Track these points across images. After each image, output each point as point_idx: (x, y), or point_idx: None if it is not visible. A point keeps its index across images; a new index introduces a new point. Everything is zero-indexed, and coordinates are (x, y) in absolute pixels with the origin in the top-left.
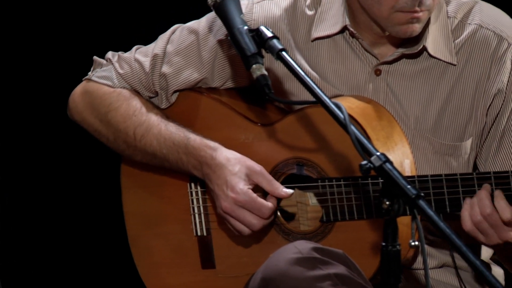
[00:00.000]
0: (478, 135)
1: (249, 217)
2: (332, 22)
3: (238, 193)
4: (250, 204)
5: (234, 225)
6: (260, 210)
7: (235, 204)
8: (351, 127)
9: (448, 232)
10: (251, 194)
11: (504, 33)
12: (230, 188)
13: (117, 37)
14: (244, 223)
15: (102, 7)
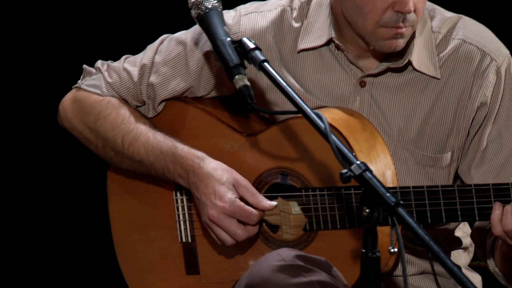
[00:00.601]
0: (460, 148)
1: (235, 226)
2: (318, 34)
3: (227, 202)
4: (238, 213)
5: (218, 234)
6: (249, 217)
7: (223, 213)
8: (332, 136)
9: (426, 240)
10: (239, 203)
11: (487, 48)
12: (218, 197)
13: (116, 37)
14: (229, 232)
15: (102, 8)
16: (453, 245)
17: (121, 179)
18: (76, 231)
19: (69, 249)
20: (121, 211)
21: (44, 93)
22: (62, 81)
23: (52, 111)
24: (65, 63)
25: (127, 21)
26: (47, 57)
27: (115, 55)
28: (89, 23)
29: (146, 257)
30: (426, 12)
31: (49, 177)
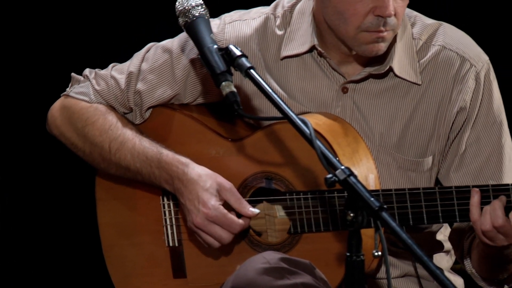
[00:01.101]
0: (441, 152)
1: (220, 231)
2: (301, 41)
3: (210, 208)
4: (220, 220)
5: (204, 239)
6: (230, 226)
7: (206, 219)
8: (317, 142)
9: (409, 243)
10: (222, 210)
11: (467, 54)
12: (202, 203)
13: (114, 39)
14: (215, 237)
15: (99, 11)
16: (435, 248)
17: (109, 185)
18: (76, 231)
19: (69, 249)
20: (109, 217)
21: (44, 93)
22: (62, 81)
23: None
24: (65, 63)
25: (125, 24)
26: (47, 57)
27: (114, 56)
28: (87, 25)
29: (134, 261)
30: (407, 19)
31: (49, 177)
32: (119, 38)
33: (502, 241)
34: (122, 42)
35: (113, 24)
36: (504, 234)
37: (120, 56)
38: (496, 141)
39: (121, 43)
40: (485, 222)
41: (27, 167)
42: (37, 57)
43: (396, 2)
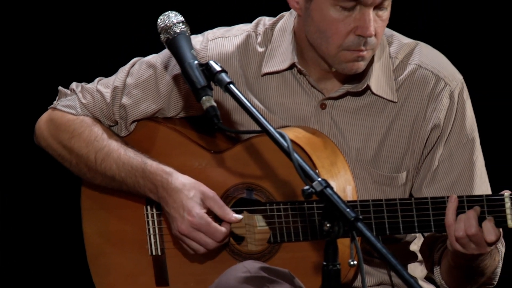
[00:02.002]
0: (415, 167)
1: (204, 237)
2: (282, 59)
3: (194, 216)
4: (205, 227)
5: (190, 245)
6: (213, 234)
7: (191, 227)
8: (294, 154)
9: (384, 252)
10: (207, 218)
11: (441, 74)
12: (186, 211)
13: (113, 40)
14: (200, 243)
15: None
16: (409, 258)
17: (94, 195)
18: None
19: (68, 249)
20: (95, 226)
21: (44, 93)
22: (65, 79)
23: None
24: (66, 63)
25: (123, 25)
26: (48, 56)
27: (113, 57)
28: (85, 27)
29: (118, 270)
30: (385, 38)
31: (49, 177)
32: (118, 38)
33: (473, 249)
34: (121, 43)
35: (112, 25)
36: (476, 243)
37: (120, 56)
38: (468, 158)
39: (120, 44)
40: (459, 229)
41: (27, 167)
42: (38, 56)
43: (377, 22)
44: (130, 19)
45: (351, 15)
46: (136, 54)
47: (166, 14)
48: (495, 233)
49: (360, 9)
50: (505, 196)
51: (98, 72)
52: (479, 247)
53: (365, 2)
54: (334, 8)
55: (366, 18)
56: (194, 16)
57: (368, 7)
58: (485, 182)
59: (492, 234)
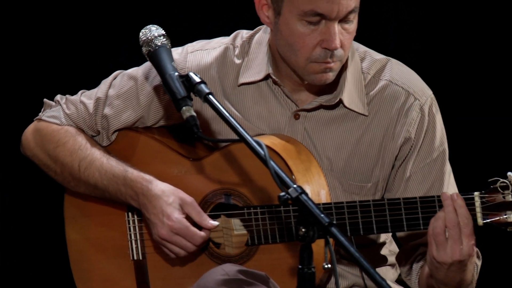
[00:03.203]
0: (385, 178)
1: (184, 241)
2: (257, 70)
3: (174, 221)
4: (184, 231)
5: (171, 249)
6: (192, 238)
7: (171, 231)
8: (271, 162)
9: (357, 256)
10: (186, 223)
11: (411, 89)
12: (166, 216)
13: (111, 43)
14: (180, 246)
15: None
16: (381, 261)
17: (77, 203)
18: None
19: (52, 255)
20: (77, 233)
21: (45, 90)
22: (62, 81)
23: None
24: (65, 64)
25: (121, 28)
26: (50, 59)
27: (112, 58)
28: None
29: (100, 275)
30: (357, 55)
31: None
32: (118, 38)
33: (450, 252)
34: (121, 43)
35: (112, 25)
36: (453, 239)
37: (120, 56)
38: (439, 169)
39: (120, 44)
40: (436, 226)
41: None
42: (39, 55)
43: (343, 35)
44: (129, 20)
45: (317, 29)
46: (136, 54)
47: (147, 27)
48: (468, 217)
49: (326, 23)
50: (475, 195)
51: (98, 71)
52: (455, 246)
53: (329, 16)
54: (300, 23)
55: (331, 32)
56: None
57: (333, 21)
58: (453, 190)
59: (466, 217)
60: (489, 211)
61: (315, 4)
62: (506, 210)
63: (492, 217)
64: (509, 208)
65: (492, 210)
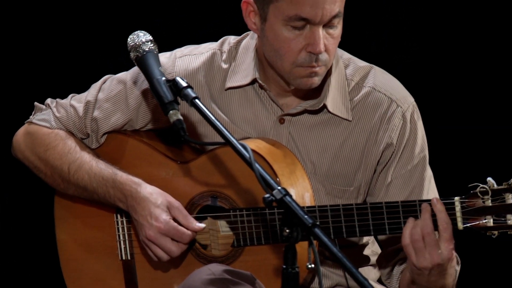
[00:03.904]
0: (367, 182)
1: (170, 244)
2: (244, 74)
3: (162, 222)
4: (171, 232)
5: (155, 252)
6: (181, 237)
7: (158, 233)
8: (256, 164)
9: (340, 256)
10: (173, 223)
11: (394, 96)
12: (154, 218)
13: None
14: (165, 250)
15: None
16: (363, 261)
17: (67, 204)
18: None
19: (43, 255)
20: (67, 233)
21: (45, 90)
22: (64, 80)
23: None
24: (66, 64)
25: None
26: (51, 57)
27: (111, 59)
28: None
29: (90, 275)
30: (341, 62)
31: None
32: (118, 39)
33: (430, 257)
34: (121, 43)
35: (112, 26)
36: (430, 246)
37: (120, 56)
38: (419, 175)
39: (120, 44)
40: (415, 233)
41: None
42: (40, 55)
43: (327, 40)
44: (129, 21)
45: (302, 34)
46: None
47: (135, 33)
48: (447, 222)
49: (310, 27)
50: (455, 200)
51: (98, 71)
52: (433, 251)
53: (313, 21)
54: (286, 28)
55: (315, 36)
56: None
57: (317, 26)
58: (433, 195)
59: (445, 222)
60: (469, 216)
61: (300, 9)
62: (485, 214)
63: (472, 222)
64: (488, 213)
65: (472, 214)
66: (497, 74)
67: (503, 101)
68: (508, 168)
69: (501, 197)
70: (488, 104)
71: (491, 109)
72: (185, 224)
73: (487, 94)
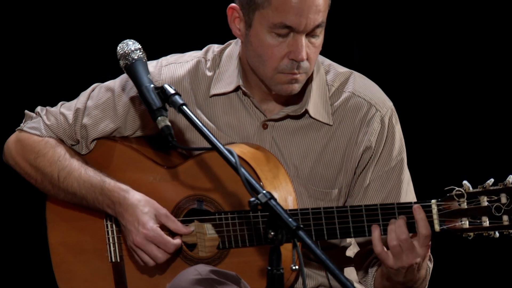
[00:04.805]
0: (348, 185)
1: (156, 251)
2: (228, 82)
3: (149, 229)
4: (157, 240)
5: (142, 257)
6: (166, 245)
7: (145, 239)
8: (241, 169)
9: (323, 258)
10: (159, 231)
11: (373, 101)
12: (141, 225)
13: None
14: (151, 256)
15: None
16: (345, 263)
17: (58, 209)
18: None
19: (36, 257)
20: (59, 237)
21: (43, 94)
22: (62, 80)
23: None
24: (67, 64)
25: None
26: (51, 56)
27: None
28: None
29: (81, 276)
30: (322, 68)
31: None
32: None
33: (406, 259)
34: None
35: (112, 29)
36: (408, 248)
37: (108, 63)
38: (397, 177)
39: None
40: (391, 239)
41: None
42: (42, 54)
43: (309, 48)
44: (118, 29)
45: (285, 41)
46: None
47: (125, 42)
48: (427, 228)
49: (293, 35)
50: (432, 203)
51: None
52: (410, 254)
53: (297, 29)
54: (270, 35)
55: (298, 44)
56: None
57: (300, 34)
58: (411, 197)
59: (425, 228)
60: (445, 218)
61: (285, 17)
62: (461, 217)
63: (448, 224)
64: (464, 215)
65: (448, 217)
66: (476, 78)
67: (479, 106)
68: (482, 172)
69: (476, 199)
70: (465, 109)
71: (468, 114)
72: (175, 229)
73: (464, 99)
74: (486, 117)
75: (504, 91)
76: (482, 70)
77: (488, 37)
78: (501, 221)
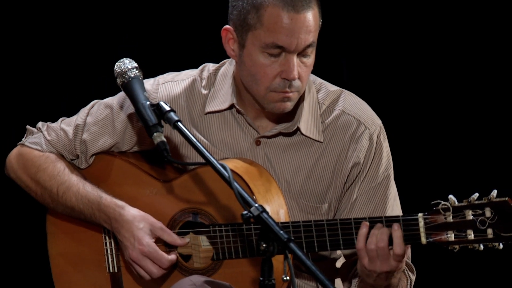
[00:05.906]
0: (337, 199)
1: (151, 266)
2: (222, 100)
3: (144, 245)
4: (153, 255)
5: (138, 271)
6: (160, 261)
7: (141, 254)
8: (234, 183)
9: (313, 269)
10: (155, 246)
11: (362, 119)
12: (137, 241)
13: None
14: (146, 271)
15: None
16: (335, 274)
17: (58, 221)
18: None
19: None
20: (58, 248)
21: (43, 95)
22: (62, 80)
23: (54, 109)
24: (68, 64)
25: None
26: (51, 54)
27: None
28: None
29: (80, 286)
30: (314, 87)
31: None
32: (117, 42)
33: (378, 265)
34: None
35: (111, 33)
36: (383, 257)
37: (105, 81)
38: (383, 193)
39: (121, 46)
40: (370, 242)
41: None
42: (43, 54)
43: (301, 67)
44: (126, 41)
45: (277, 61)
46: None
47: (121, 60)
48: (401, 248)
49: (285, 55)
50: (419, 216)
51: (86, 96)
52: (384, 262)
53: (288, 49)
54: (262, 55)
55: (290, 63)
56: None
57: (292, 54)
58: (397, 212)
59: (399, 247)
60: (432, 231)
61: (276, 37)
62: (447, 230)
63: (434, 237)
64: (450, 228)
65: (434, 230)
66: (461, 96)
67: (465, 123)
68: (468, 186)
69: (462, 213)
70: (452, 126)
71: (454, 131)
72: (170, 241)
73: (450, 116)
74: (471, 134)
75: (488, 109)
76: (467, 89)
77: (479, 60)
78: (486, 234)
